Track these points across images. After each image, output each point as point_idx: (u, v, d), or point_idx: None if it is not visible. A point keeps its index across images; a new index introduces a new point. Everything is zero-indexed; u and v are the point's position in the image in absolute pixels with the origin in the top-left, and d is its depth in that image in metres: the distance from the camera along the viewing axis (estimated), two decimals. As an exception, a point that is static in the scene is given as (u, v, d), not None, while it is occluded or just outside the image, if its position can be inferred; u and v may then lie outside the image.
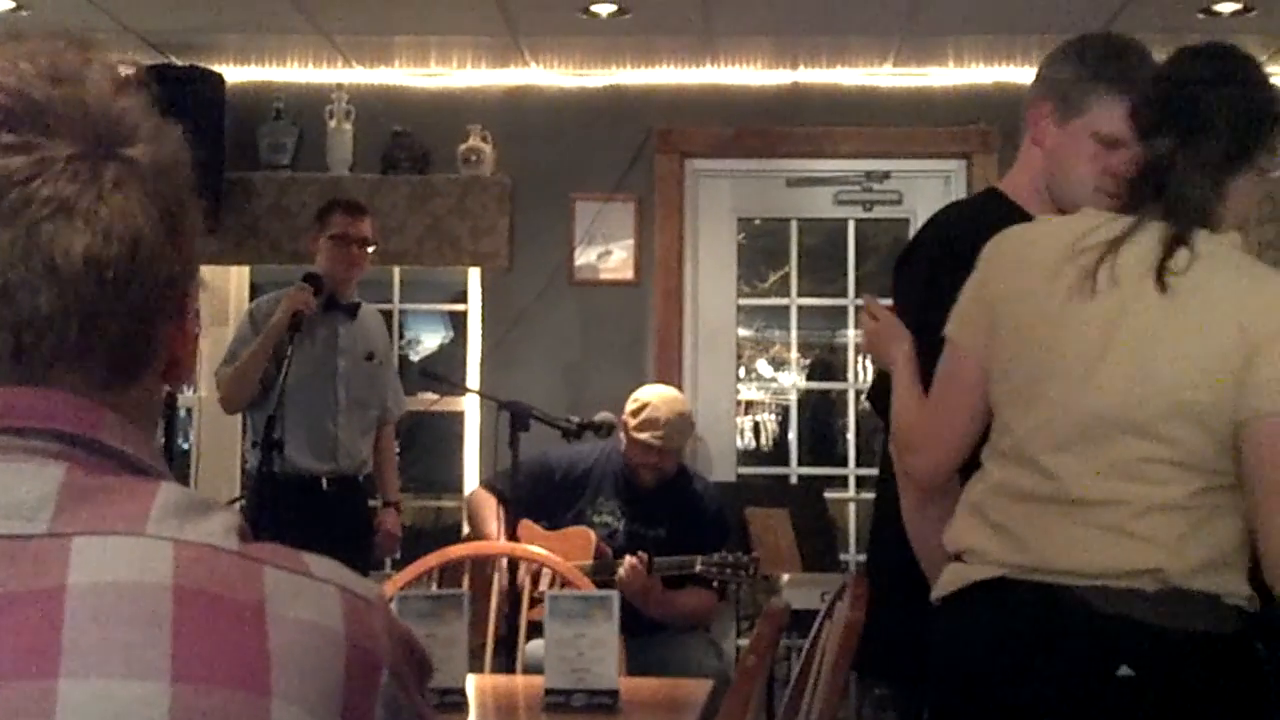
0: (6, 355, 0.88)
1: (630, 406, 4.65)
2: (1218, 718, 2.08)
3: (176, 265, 0.94)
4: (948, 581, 2.21)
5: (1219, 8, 4.93)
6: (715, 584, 4.52)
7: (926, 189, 5.89)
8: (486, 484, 4.81)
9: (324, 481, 4.70)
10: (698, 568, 4.45)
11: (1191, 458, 2.05)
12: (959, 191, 5.79)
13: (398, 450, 5.23)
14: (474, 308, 5.81)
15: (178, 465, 5.65)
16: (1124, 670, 2.04)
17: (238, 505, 4.75)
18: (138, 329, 0.92)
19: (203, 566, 0.83)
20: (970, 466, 2.24)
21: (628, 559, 4.39)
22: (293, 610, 0.84)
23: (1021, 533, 2.13)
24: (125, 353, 0.92)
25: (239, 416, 5.08)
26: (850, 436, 5.97)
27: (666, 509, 4.62)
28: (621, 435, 4.66)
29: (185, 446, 5.88)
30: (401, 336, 6.14)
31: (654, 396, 4.68)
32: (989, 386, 2.19)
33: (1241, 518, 2.07)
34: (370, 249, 4.86)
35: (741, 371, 6.07)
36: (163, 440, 5.10)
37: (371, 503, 5.03)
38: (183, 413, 5.73)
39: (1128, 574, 2.07)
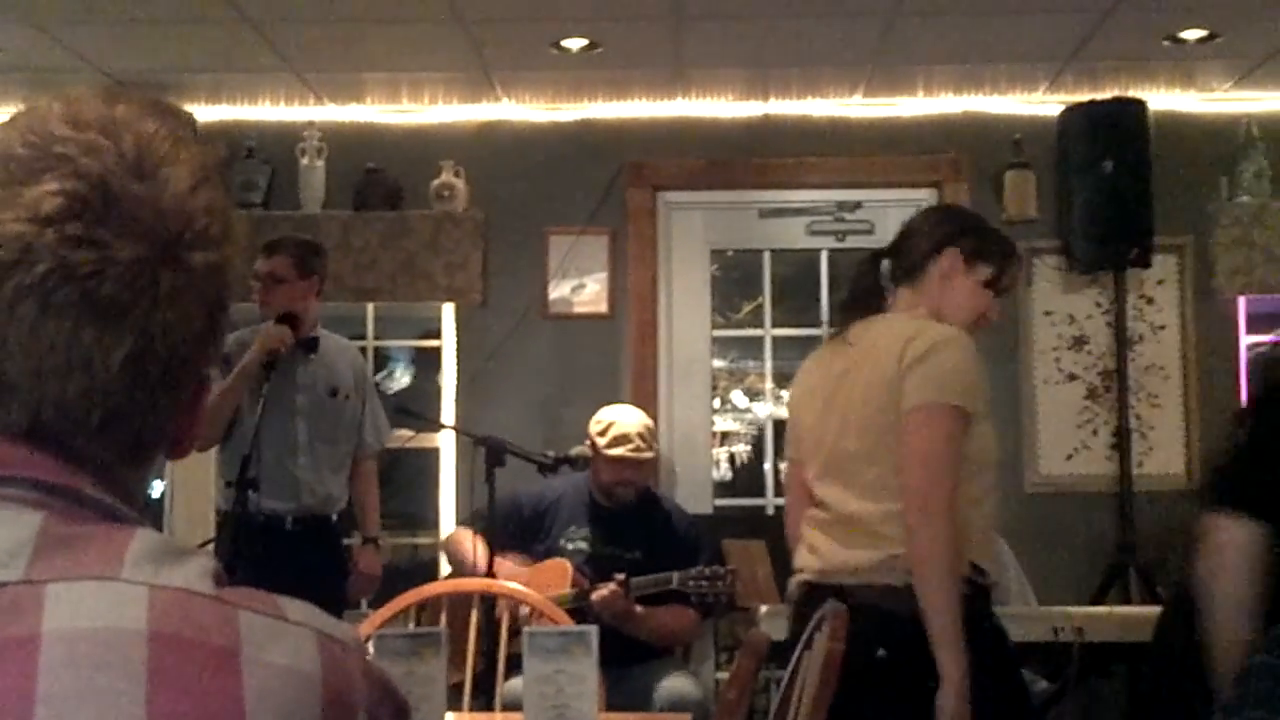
0: (22, 430, 0.89)
1: (596, 428, 4.67)
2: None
3: (206, 360, 0.95)
4: (789, 595, 3.04)
5: (1184, 35, 4.97)
6: (694, 600, 4.51)
7: (898, 218, 5.86)
8: (463, 523, 4.81)
9: (288, 521, 4.63)
10: (674, 584, 4.45)
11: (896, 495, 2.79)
12: (930, 220, 5.81)
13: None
14: (448, 343, 5.80)
15: (150, 508, 5.61)
16: (880, 652, 2.61)
17: (210, 547, 4.69)
18: (158, 419, 0.93)
19: (178, 611, 0.83)
20: None
21: (603, 585, 4.39)
22: (268, 655, 0.83)
23: (820, 547, 2.92)
24: (140, 441, 0.93)
25: (212, 459, 5.04)
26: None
27: (639, 531, 4.63)
28: (591, 461, 4.67)
29: (159, 489, 5.83)
30: (378, 372, 6.12)
31: (617, 414, 4.73)
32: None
33: (962, 510, 2.79)
34: (285, 285, 4.66)
35: (716, 403, 6.07)
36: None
37: (351, 540, 4.98)
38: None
39: (879, 567, 2.82)
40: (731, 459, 6.32)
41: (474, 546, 4.42)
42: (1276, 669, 2.37)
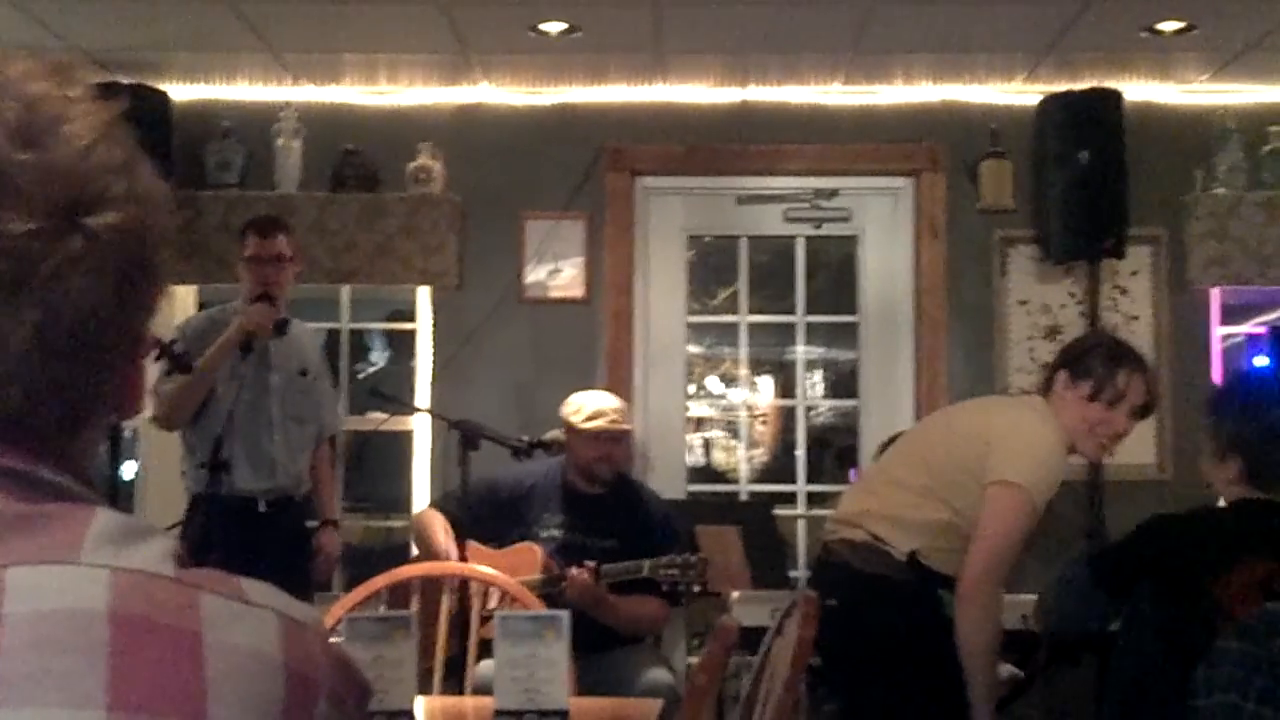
0: None
1: (569, 410, 4.67)
2: (883, 640, 3.33)
3: (131, 323, 0.92)
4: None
5: (1162, 26, 4.99)
6: (665, 589, 4.51)
7: (875, 206, 5.92)
8: (434, 504, 4.79)
9: (261, 502, 4.63)
10: (645, 572, 4.45)
11: (938, 483, 3.45)
12: (907, 209, 5.82)
13: (345, 468, 5.17)
14: (424, 326, 5.79)
15: (123, 489, 5.58)
16: (830, 601, 2.80)
17: (180, 529, 4.67)
18: (86, 387, 0.91)
19: (139, 593, 0.82)
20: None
21: (574, 570, 4.38)
22: (230, 636, 0.83)
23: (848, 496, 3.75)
24: (71, 409, 0.91)
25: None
26: (800, 453, 5.98)
27: (613, 518, 4.62)
28: (566, 445, 4.66)
29: (131, 471, 5.80)
30: (353, 354, 6.10)
31: (588, 395, 4.76)
32: None
33: (936, 515, 3.43)
34: (289, 264, 4.72)
35: (692, 388, 6.07)
36: (108, 466, 5.04)
37: (311, 523, 4.97)
38: (128, 434, 5.66)
39: (855, 516, 3.51)
40: (706, 445, 6.33)
41: (443, 529, 4.41)
42: (1245, 653, 2.40)
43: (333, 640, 0.90)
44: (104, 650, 0.79)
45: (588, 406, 4.64)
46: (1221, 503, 3.15)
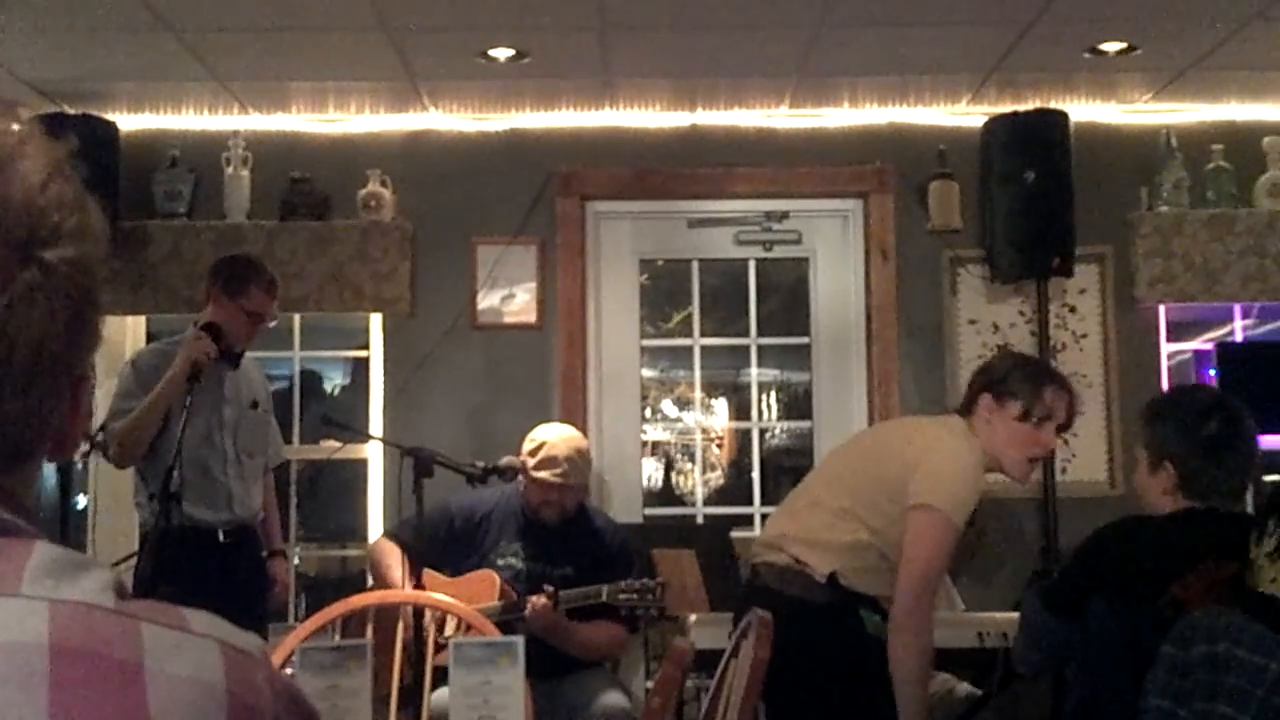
0: None
1: (528, 447, 4.63)
2: (804, 662, 3.24)
3: (79, 357, 0.93)
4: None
5: (1105, 47, 5.05)
6: (624, 614, 4.49)
7: (825, 228, 5.95)
8: (388, 534, 4.75)
9: (220, 533, 4.62)
10: (604, 597, 4.44)
11: (857, 503, 3.48)
12: (857, 230, 5.86)
13: (299, 497, 5.16)
14: (376, 354, 5.77)
15: (74, 522, 5.53)
16: None
17: (134, 562, 4.64)
18: (33, 420, 0.91)
19: (79, 625, 0.82)
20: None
21: (533, 598, 4.37)
22: (172, 666, 0.83)
23: (773, 520, 3.73)
24: (16, 445, 0.91)
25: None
26: (756, 475, 5.99)
27: (570, 547, 4.61)
28: (520, 477, 4.64)
29: (82, 503, 5.75)
30: (304, 383, 6.07)
31: (551, 435, 4.66)
32: None
33: (854, 536, 3.46)
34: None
35: (646, 412, 6.07)
36: (58, 498, 5.00)
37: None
38: (79, 466, 5.61)
39: (776, 539, 3.54)
40: (664, 468, 6.32)
41: (398, 562, 4.37)
42: (1175, 659, 2.43)
43: (281, 670, 0.90)
44: (44, 682, 0.79)
45: (544, 450, 4.57)
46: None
